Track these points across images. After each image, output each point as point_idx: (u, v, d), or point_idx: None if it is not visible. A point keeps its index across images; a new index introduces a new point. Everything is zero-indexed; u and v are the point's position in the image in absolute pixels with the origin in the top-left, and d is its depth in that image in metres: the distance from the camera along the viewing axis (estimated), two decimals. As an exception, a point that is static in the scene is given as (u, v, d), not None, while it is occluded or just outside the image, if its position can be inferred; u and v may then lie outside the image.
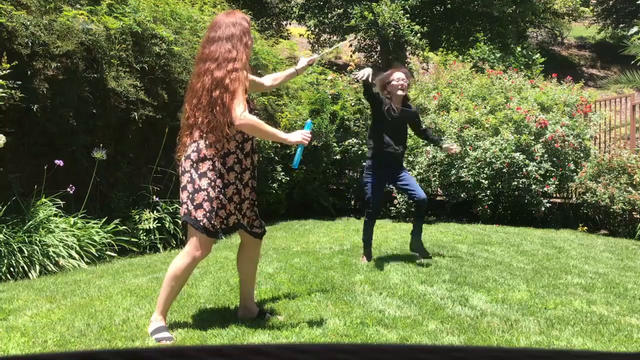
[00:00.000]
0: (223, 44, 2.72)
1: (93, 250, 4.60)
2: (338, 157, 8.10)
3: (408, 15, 15.33)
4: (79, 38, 4.86)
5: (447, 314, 3.08)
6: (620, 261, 4.91)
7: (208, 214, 2.68)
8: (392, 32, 14.53)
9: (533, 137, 7.47)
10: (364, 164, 5.54)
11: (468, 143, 7.57)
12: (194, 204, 2.69)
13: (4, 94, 4.16)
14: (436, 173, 7.61)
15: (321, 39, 17.78)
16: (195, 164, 2.72)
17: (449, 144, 4.68)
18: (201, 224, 2.68)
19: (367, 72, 4.04)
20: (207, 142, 2.71)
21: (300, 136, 2.72)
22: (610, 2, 20.97)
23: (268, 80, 3.34)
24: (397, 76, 4.47)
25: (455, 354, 0.50)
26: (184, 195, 2.74)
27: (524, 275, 4.14)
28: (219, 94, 2.63)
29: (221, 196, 2.72)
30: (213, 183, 2.70)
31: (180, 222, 5.51)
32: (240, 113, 2.60)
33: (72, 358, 0.56)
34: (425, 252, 4.66)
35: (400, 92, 4.44)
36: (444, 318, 3.00)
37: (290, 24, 19.00)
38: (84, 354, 0.52)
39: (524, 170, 7.22)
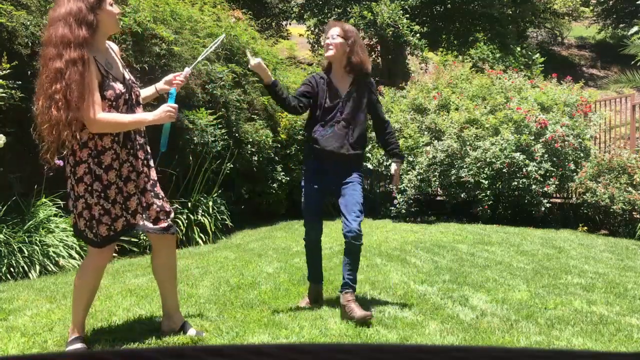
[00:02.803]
0: (60, 26, 2.30)
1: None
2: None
3: (408, 15, 15.32)
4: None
5: (447, 314, 3.08)
6: (621, 261, 4.91)
7: (89, 223, 2.42)
8: (391, 32, 14.52)
9: (533, 137, 7.47)
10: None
11: (468, 143, 7.57)
12: (76, 212, 2.43)
13: (4, 94, 4.16)
14: (436, 173, 7.61)
15: (321, 38, 17.78)
16: (73, 169, 2.42)
17: (393, 170, 3.41)
18: (84, 234, 2.44)
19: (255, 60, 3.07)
20: (81, 142, 2.38)
21: (163, 113, 2.43)
22: (610, 2, 20.96)
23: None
24: (330, 33, 3.18)
25: (455, 354, 0.50)
26: (70, 204, 2.49)
27: (524, 275, 4.14)
28: (60, 89, 2.25)
29: (102, 201, 2.40)
30: (90, 187, 2.40)
31: (181, 221, 5.52)
32: (92, 114, 2.28)
33: (72, 358, 0.56)
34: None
35: (329, 53, 3.16)
36: (444, 318, 3.00)
37: (290, 24, 19.00)
38: (84, 354, 0.52)
39: (524, 170, 7.22)
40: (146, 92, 2.77)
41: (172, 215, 2.65)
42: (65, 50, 2.26)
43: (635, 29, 12.09)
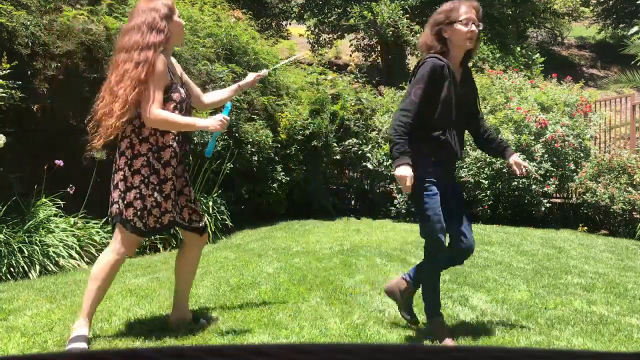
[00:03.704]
0: (133, 33, 2.54)
1: (93, 251, 4.60)
2: (338, 157, 8.10)
3: (408, 15, 15.32)
4: (79, 38, 4.86)
5: (447, 314, 3.08)
6: (621, 261, 4.91)
7: (139, 213, 2.54)
8: (391, 32, 14.52)
9: (533, 137, 7.47)
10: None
11: (468, 143, 7.57)
12: (125, 202, 2.55)
13: (4, 94, 4.16)
14: (436, 173, 7.61)
15: (321, 38, 17.78)
16: (130, 161, 2.57)
17: (522, 165, 3.02)
18: (131, 223, 2.54)
19: None
20: (140, 137, 2.56)
21: (215, 122, 2.57)
22: (610, 2, 20.96)
23: (207, 98, 2.99)
24: (465, 14, 2.56)
25: (455, 354, 0.50)
26: (115, 194, 2.59)
27: (524, 275, 4.14)
28: (124, 87, 2.49)
29: (156, 194, 2.55)
30: (147, 180, 2.55)
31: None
32: (149, 109, 2.46)
33: (72, 358, 0.56)
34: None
35: (469, 44, 2.62)
36: (444, 318, 3.00)
37: (290, 24, 19.00)
38: (84, 354, 0.52)
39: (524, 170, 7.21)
40: (221, 94, 3.03)
41: (205, 218, 2.90)
42: (134, 54, 2.50)
43: (635, 29, 12.08)
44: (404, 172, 2.44)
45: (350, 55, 17.15)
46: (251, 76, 3.07)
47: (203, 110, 3.39)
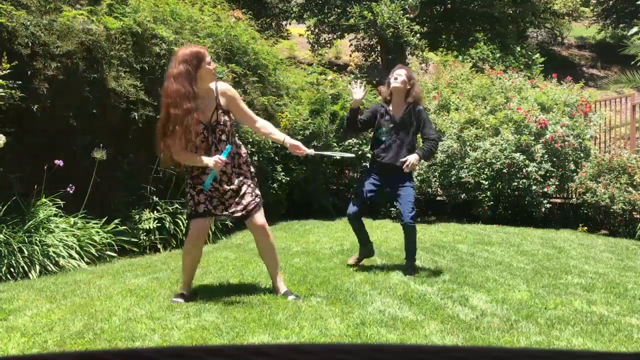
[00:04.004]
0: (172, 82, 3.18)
1: (93, 251, 4.60)
2: (338, 157, 8.09)
3: (408, 15, 15.32)
4: (79, 38, 4.86)
5: (447, 314, 3.08)
6: (621, 261, 4.91)
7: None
8: (390, 33, 14.52)
9: (533, 138, 7.47)
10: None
11: (468, 143, 7.57)
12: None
13: (4, 94, 4.16)
14: (436, 174, 7.61)
15: (321, 38, 17.78)
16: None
17: (406, 161, 4.04)
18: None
19: (362, 94, 4.07)
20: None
21: (212, 161, 3.16)
22: (610, 2, 20.97)
23: (260, 123, 3.57)
24: (396, 72, 4.21)
25: (455, 354, 0.50)
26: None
27: (524, 275, 4.14)
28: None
29: (192, 191, 3.37)
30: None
31: (181, 221, 5.51)
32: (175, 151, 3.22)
33: (72, 358, 0.56)
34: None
35: (395, 84, 4.11)
36: (444, 318, 3.00)
37: (290, 24, 19.00)
38: (84, 354, 0.52)
39: (524, 170, 7.22)
40: (277, 136, 3.64)
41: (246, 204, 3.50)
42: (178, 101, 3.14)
43: (635, 29, 12.09)
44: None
45: (350, 55, 17.15)
46: (299, 145, 3.60)
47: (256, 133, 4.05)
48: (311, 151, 3.62)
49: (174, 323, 2.85)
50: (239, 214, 3.39)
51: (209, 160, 3.18)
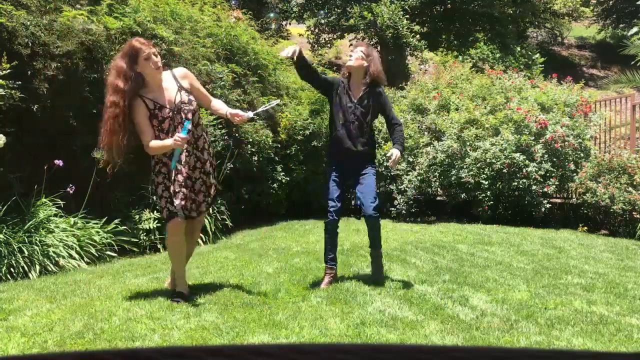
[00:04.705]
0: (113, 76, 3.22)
1: (93, 251, 4.60)
2: (338, 157, 8.09)
3: (408, 15, 15.32)
4: (79, 38, 4.86)
5: (447, 314, 3.08)
6: (621, 261, 4.91)
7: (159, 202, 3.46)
8: (390, 34, 14.52)
9: (533, 138, 7.47)
10: None
11: (468, 143, 7.57)
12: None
13: (4, 94, 4.16)
14: (436, 174, 7.61)
15: (321, 38, 17.78)
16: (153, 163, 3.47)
17: (391, 158, 3.72)
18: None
19: (292, 48, 3.65)
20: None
21: (173, 141, 3.10)
22: (610, 2, 20.97)
23: (214, 102, 3.58)
24: (353, 50, 3.88)
25: (455, 354, 0.50)
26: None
27: (524, 275, 4.14)
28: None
29: (165, 192, 3.37)
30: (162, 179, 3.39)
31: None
32: (144, 143, 3.22)
33: (72, 358, 0.56)
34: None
35: (350, 63, 3.78)
36: (444, 318, 3.00)
37: (290, 24, 19.00)
38: (84, 354, 0.52)
39: (524, 170, 7.22)
40: (222, 110, 3.50)
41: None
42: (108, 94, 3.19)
43: (635, 29, 12.09)
44: None
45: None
46: (237, 112, 3.48)
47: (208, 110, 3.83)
48: (249, 113, 3.58)
49: (174, 323, 2.85)
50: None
51: (170, 141, 3.15)
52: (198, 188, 3.38)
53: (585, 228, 7.20)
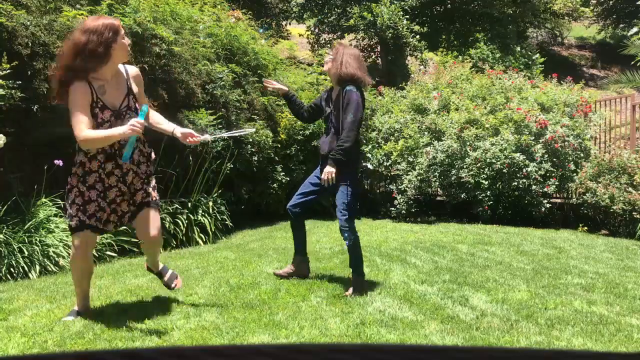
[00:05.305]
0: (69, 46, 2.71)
1: (93, 251, 4.59)
2: (338, 157, 8.09)
3: (407, 15, 15.32)
4: (79, 38, 4.85)
5: (447, 314, 3.08)
6: (621, 261, 4.91)
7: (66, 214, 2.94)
8: (390, 34, 14.52)
9: (533, 138, 7.47)
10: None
11: (468, 143, 7.57)
12: None
13: (4, 94, 4.16)
14: (436, 173, 7.62)
15: (321, 38, 17.78)
16: (73, 167, 2.97)
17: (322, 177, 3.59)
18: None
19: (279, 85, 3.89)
20: (81, 146, 2.83)
21: (128, 127, 2.62)
22: (610, 2, 20.97)
23: (154, 116, 3.10)
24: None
25: (455, 354, 0.50)
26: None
27: (524, 275, 4.14)
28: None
29: (77, 199, 2.86)
30: (72, 187, 2.92)
31: (181, 221, 5.51)
32: (77, 133, 2.65)
33: (72, 358, 0.56)
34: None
35: (323, 67, 3.77)
36: (444, 318, 3.00)
37: (290, 24, 19.00)
38: (84, 354, 0.52)
39: (524, 170, 7.22)
40: (166, 126, 3.05)
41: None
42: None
43: (635, 29, 12.08)
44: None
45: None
46: (191, 132, 3.02)
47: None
48: (207, 136, 3.18)
49: (174, 323, 2.85)
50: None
51: (124, 128, 2.64)
52: (118, 200, 2.90)
53: (585, 228, 7.20)
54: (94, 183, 2.81)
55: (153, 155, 3.06)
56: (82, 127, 2.62)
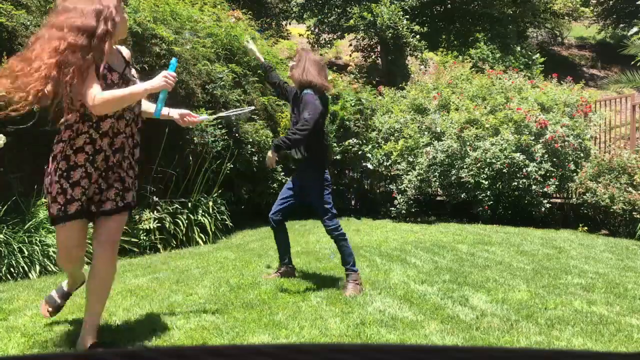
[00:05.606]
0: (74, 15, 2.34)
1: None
2: (338, 157, 8.10)
3: (407, 15, 15.32)
4: (79, 38, 4.85)
5: (447, 314, 3.08)
6: (621, 261, 4.91)
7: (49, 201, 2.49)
8: (390, 34, 14.53)
9: (533, 138, 7.47)
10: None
11: (468, 143, 7.57)
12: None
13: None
14: (436, 173, 7.62)
15: (321, 38, 17.78)
16: (54, 145, 2.62)
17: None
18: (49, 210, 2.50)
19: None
20: (67, 123, 2.50)
21: (160, 79, 2.40)
22: (610, 2, 20.97)
23: (144, 102, 2.82)
24: None
25: (455, 354, 0.50)
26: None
27: (524, 275, 4.14)
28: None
29: (62, 180, 2.47)
30: (56, 165, 2.52)
31: (181, 221, 5.51)
32: (94, 95, 2.31)
33: (72, 358, 0.56)
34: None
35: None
36: (444, 318, 3.00)
37: (289, 24, 19.01)
38: (84, 354, 0.52)
39: (524, 170, 7.22)
40: (150, 106, 2.78)
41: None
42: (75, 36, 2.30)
43: (635, 29, 12.08)
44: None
45: (350, 55, 17.15)
46: (189, 112, 2.86)
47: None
48: (205, 116, 3.13)
49: (174, 323, 2.86)
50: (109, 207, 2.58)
51: (154, 82, 2.41)
52: (91, 193, 2.54)
53: (585, 228, 7.20)
54: (79, 179, 2.50)
55: (138, 154, 2.75)
56: (96, 90, 2.30)
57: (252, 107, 3.90)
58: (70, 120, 2.46)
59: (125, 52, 2.71)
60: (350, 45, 16.97)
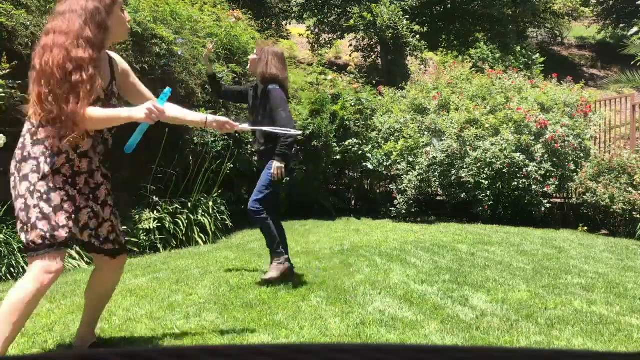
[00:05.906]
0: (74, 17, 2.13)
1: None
2: (338, 157, 8.11)
3: (407, 16, 15.33)
4: (79, 38, 4.85)
5: (447, 314, 3.08)
6: (621, 261, 4.91)
7: (20, 226, 2.10)
8: (390, 34, 14.53)
9: (533, 138, 7.47)
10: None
11: (468, 143, 7.57)
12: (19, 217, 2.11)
13: (3, 94, 4.16)
14: (436, 173, 7.62)
15: (321, 38, 17.78)
16: (18, 164, 2.19)
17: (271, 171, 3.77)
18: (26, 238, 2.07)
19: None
20: (38, 137, 2.18)
21: (144, 112, 2.08)
22: (610, 2, 20.97)
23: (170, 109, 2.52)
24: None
25: (455, 354, 0.50)
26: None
27: (524, 275, 4.14)
28: (79, 79, 2.07)
29: (42, 203, 2.08)
30: (33, 187, 2.11)
31: (181, 221, 5.51)
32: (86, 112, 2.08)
33: (72, 358, 0.56)
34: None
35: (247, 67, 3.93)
36: (444, 318, 3.00)
37: (289, 23, 19.01)
38: (84, 354, 0.52)
39: (524, 170, 7.22)
40: (193, 116, 2.60)
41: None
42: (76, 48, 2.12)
43: (635, 29, 12.08)
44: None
45: (350, 55, 17.15)
46: (228, 121, 2.62)
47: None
48: (245, 126, 2.92)
49: (174, 323, 2.86)
50: (110, 247, 2.36)
51: (137, 111, 2.11)
52: (84, 220, 2.25)
53: (585, 228, 7.20)
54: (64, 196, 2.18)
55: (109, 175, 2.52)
56: (84, 104, 2.09)
57: (300, 132, 4.11)
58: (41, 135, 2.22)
59: (117, 61, 2.50)
60: (350, 45, 16.97)
